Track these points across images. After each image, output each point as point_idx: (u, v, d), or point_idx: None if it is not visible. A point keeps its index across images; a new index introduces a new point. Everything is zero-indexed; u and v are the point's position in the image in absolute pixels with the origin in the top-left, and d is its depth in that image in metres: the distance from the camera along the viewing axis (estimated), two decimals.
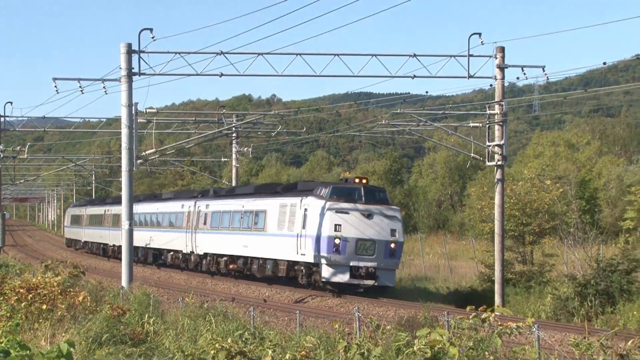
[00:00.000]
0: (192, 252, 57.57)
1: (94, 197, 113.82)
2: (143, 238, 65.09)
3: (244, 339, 19.38)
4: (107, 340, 23.28)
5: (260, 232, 48.01)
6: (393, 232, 42.05)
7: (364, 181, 43.59)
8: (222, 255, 53.38)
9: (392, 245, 41.84)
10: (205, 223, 55.65)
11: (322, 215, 41.72)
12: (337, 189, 42.96)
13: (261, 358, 17.53)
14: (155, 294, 32.84)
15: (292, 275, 45.09)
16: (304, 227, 42.83)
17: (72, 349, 9.53)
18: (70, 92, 46.49)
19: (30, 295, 25.88)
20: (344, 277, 41.28)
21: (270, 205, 47.28)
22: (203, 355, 17.70)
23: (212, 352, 17.41)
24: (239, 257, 51.23)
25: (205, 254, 55.78)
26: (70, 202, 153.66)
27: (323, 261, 41.45)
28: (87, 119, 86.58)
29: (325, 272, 41.45)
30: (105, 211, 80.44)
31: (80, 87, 44.34)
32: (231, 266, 52.21)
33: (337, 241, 41.06)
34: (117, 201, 78.25)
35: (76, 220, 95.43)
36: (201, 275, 55.84)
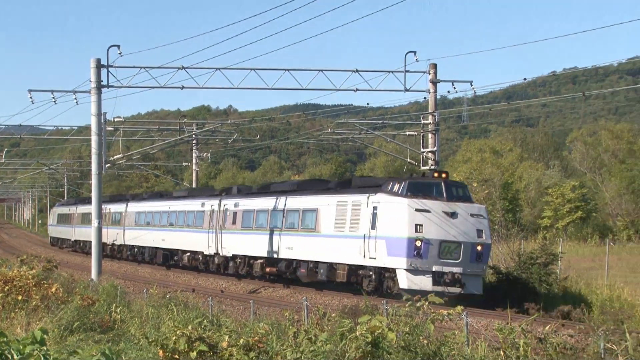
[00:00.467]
0: (216, 254, 48.49)
1: (84, 196, 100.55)
2: (152, 238, 57.97)
3: (203, 326, 19.26)
4: (78, 327, 23.09)
5: (310, 233, 39.64)
6: (479, 232, 34.27)
7: (444, 175, 35.62)
8: (257, 258, 44.26)
9: (479, 247, 34.14)
10: (234, 222, 46.54)
11: (398, 213, 34.00)
12: (414, 184, 34.74)
13: (218, 343, 17.42)
14: (122, 285, 32.57)
15: (353, 281, 36.79)
16: (372, 227, 34.86)
17: (45, 336, 9.39)
18: (45, 103, 46.20)
19: (7, 287, 25.63)
20: (425, 284, 32.99)
21: (324, 203, 39.01)
22: (165, 341, 17.54)
23: (174, 338, 17.28)
24: (279, 259, 42.30)
25: (234, 256, 46.74)
26: (44, 202, 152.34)
27: (401, 266, 33.52)
28: (60, 127, 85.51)
29: (403, 278, 33.40)
30: (102, 209, 73.48)
31: (53, 97, 44.09)
32: (268, 269, 43.40)
33: (418, 243, 33.23)
34: (115, 199, 71.58)
35: (65, 219, 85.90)
36: (224, 278, 47.83)
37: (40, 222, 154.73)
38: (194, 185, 67.77)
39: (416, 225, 33.43)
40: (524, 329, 13.80)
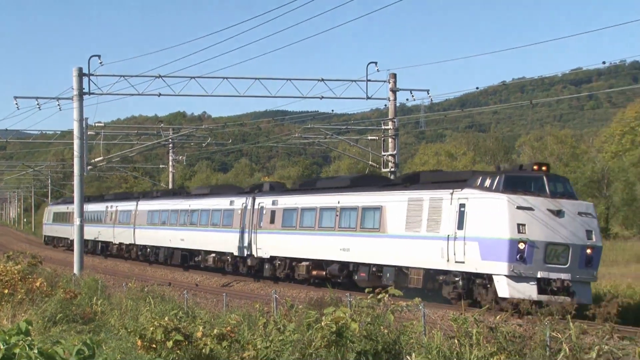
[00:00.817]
0: (249, 255, 42.17)
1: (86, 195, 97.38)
2: (168, 238, 51.92)
3: (178, 317, 19.17)
4: (61, 319, 22.95)
5: (373, 234, 33.55)
6: (589, 234, 28.27)
7: (544, 168, 29.31)
8: (302, 260, 38.32)
9: (589, 250, 28.06)
10: (272, 222, 40.29)
11: (496, 211, 28.02)
12: (512, 178, 28.62)
13: (193, 333, 17.36)
14: (103, 279, 32.35)
15: (430, 287, 30.70)
16: (459, 227, 28.81)
17: (30, 327, 9.32)
18: (30, 108, 45.79)
19: None
20: (530, 293, 27.02)
21: (391, 200, 32.75)
22: (143, 332, 17.46)
23: (151, 328, 17.20)
24: (331, 262, 36.17)
25: (273, 258, 40.55)
26: (29, 202, 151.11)
27: (500, 271, 27.49)
28: (44, 131, 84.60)
29: (504, 286, 27.42)
30: (107, 207, 64.66)
31: (38, 104, 43.89)
32: (314, 272, 37.53)
33: (521, 246, 27.31)
34: (122, 197, 66.29)
35: (62, 218, 78.23)
36: (243, 279, 43.07)
37: (25, 220, 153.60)
38: (170, 186, 67.31)
39: (518, 225, 27.59)
40: (476, 319, 13.86)
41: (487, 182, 28.56)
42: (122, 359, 16.92)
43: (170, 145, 66.67)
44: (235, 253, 43.34)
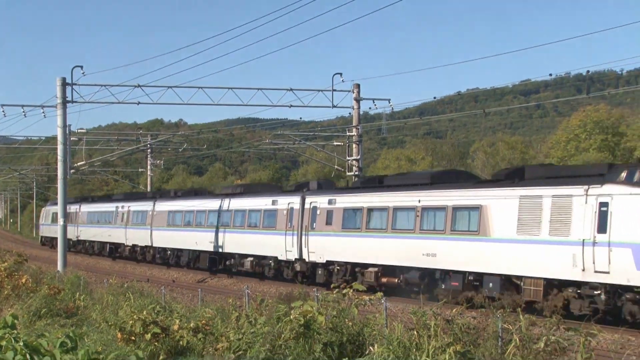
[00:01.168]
0: (298, 259, 36.41)
1: (91, 195, 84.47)
2: (194, 240, 45.45)
3: (156, 311, 19.08)
4: (45, 313, 22.79)
5: (470, 237, 27.40)
6: None
7: None
8: (367, 265, 32.19)
9: None
10: (329, 223, 34.34)
11: None
12: None
13: (170, 326, 17.30)
14: (85, 276, 32.09)
15: (553, 300, 24.01)
16: (601, 230, 22.80)
17: (16, 321, 9.24)
18: (16, 115, 45.70)
19: None
20: None
21: (495, 198, 26.70)
22: (123, 325, 17.36)
23: (131, 322, 17.12)
24: (409, 268, 29.90)
25: (329, 262, 34.53)
26: (15, 203, 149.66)
27: None
28: (29, 137, 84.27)
29: None
30: (117, 208, 57.71)
31: (23, 111, 43.80)
32: (385, 279, 31.34)
33: None
34: (134, 197, 58.37)
35: None
36: (290, 285, 33.11)
37: (12, 220, 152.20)
38: (148, 189, 66.85)
39: None
40: (434, 312, 13.92)
41: (636, 177, 22.70)
42: (103, 350, 16.79)
43: (149, 150, 66.42)
44: (281, 257, 37.53)
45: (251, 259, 40.26)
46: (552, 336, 12.64)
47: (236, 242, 41.52)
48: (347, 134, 43.96)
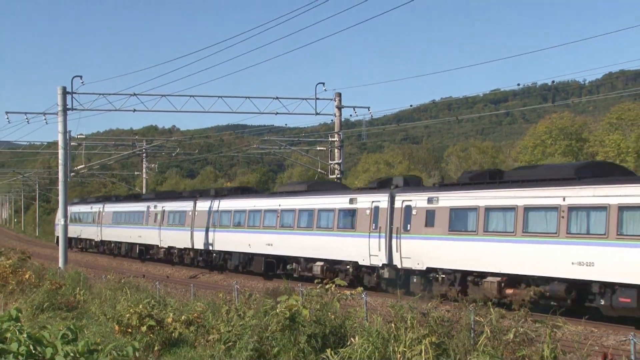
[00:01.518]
0: (387, 264, 29.79)
1: (113, 195, 73.78)
2: (247, 242, 39.21)
3: (151, 305, 19.03)
4: (48, 307, 22.71)
5: None
6: None
7: None
8: (487, 274, 25.84)
9: None
10: (430, 224, 27.93)
11: None
12: None
13: (164, 319, 17.26)
14: (85, 272, 31.94)
15: None
16: None
17: (20, 314, 9.20)
18: (19, 122, 45.74)
19: None
20: None
21: None
22: (120, 318, 17.32)
23: (127, 315, 17.08)
24: (547, 279, 23.93)
25: (430, 270, 27.91)
26: (19, 204, 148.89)
27: None
28: (32, 142, 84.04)
29: None
30: (148, 208, 50.89)
31: (27, 118, 43.90)
32: (509, 291, 24.97)
33: None
34: (170, 197, 51.86)
35: (84, 218, 63.94)
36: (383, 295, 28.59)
37: (16, 220, 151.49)
38: (144, 191, 66.54)
39: None
40: (411, 305, 13.93)
41: None
42: (101, 342, 16.74)
43: (144, 154, 66.21)
44: (363, 262, 31.20)
45: (321, 263, 33.84)
46: (520, 328, 12.69)
47: (301, 245, 34.98)
48: (330, 139, 44.00)
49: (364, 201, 31.57)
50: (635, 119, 63.17)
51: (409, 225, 28.90)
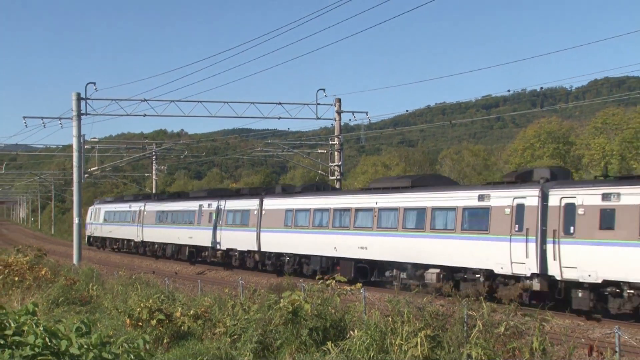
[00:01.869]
0: (539, 274, 23.14)
1: (151, 193, 63.34)
2: (332, 244, 32.96)
3: (161, 300, 19.02)
4: (63, 302, 22.70)
5: None
6: None
7: None
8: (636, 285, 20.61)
9: None
10: (609, 227, 21.25)
11: None
12: None
13: (173, 313, 17.25)
14: (97, 269, 31.94)
15: None
16: None
17: (36, 308, 9.21)
18: (36, 126, 45.56)
19: (6, 271, 25.11)
20: None
21: None
22: (131, 312, 17.30)
23: (138, 309, 17.06)
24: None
25: (608, 283, 21.39)
26: (36, 204, 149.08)
27: None
28: (48, 145, 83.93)
29: None
30: (201, 207, 44.32)
31: (43, 123, 43.96)
32: None
33: None
34: (230, 194, 45.20)
35: (119, 217, 57.77)
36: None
37: (32, 219, 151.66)
38: (154, 192, 66.39)
39: None
40: (407, 300, 13.93)
41: None
42: (113, 335, 16.74)
43: (154, 157, 66.17)
44: (501, 270, 24.60)
45: (436, 270, 27.34)
46: (511, 321, 12.68)
47: (409, 249, 28.64)
48: (330, 142, 44.00)
49: (501, 198, 25.13)
50: (619, 124, 63.20)
51: (572, 228, 22.38)
